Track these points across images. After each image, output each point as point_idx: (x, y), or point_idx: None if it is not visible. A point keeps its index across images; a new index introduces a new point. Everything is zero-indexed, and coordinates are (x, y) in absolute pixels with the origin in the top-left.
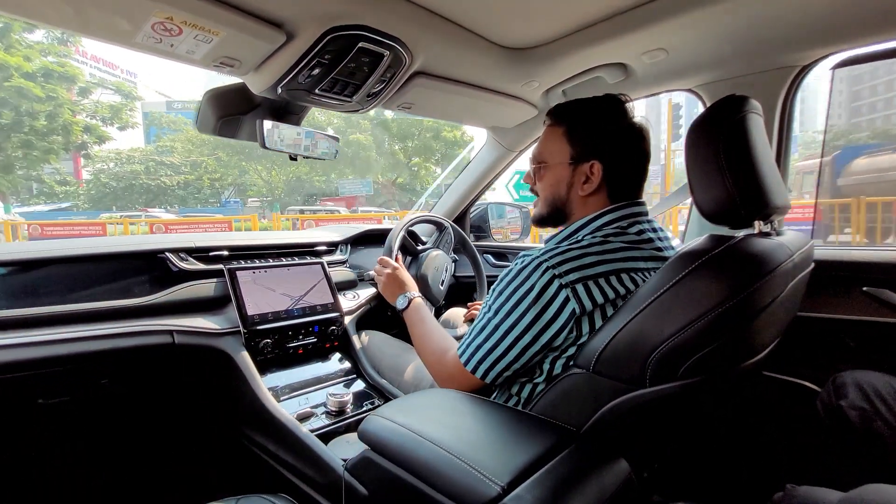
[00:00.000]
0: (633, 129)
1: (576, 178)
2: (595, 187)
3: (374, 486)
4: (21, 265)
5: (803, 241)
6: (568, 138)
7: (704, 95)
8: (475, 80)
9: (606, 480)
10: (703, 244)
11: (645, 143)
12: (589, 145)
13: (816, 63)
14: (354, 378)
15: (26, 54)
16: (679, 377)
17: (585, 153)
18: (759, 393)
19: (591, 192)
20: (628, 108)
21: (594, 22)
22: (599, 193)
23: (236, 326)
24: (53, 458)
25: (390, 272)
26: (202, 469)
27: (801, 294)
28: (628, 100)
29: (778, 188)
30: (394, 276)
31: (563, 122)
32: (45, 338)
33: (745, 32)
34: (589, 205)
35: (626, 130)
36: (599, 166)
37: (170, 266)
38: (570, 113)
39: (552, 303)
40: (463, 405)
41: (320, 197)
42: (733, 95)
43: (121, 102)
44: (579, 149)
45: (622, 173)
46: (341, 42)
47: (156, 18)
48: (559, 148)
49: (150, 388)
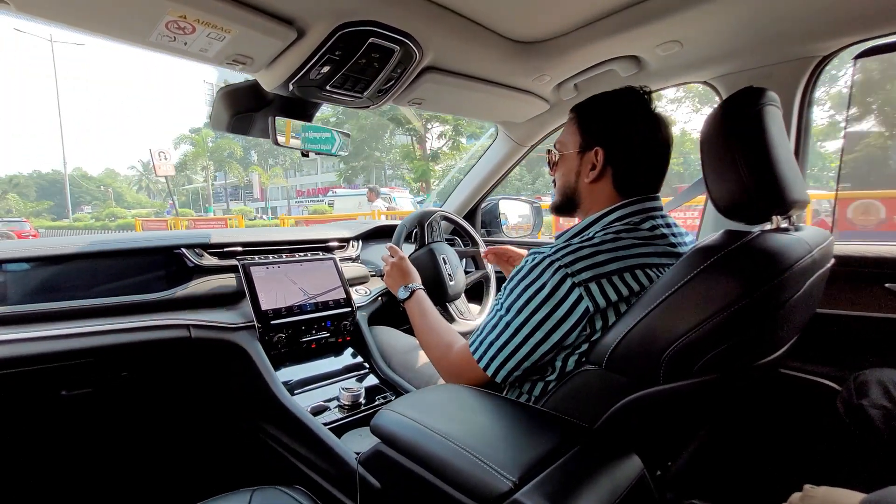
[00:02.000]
0: (645, 120)
1: (583, 166)
2: (598, 175)
3: (387, 479)
4: (44, 261)
5: (823, 237)
6: (578, 127)
7: (720, 88)
8: (486, 74)
9: (619, 477)
10: (718, 240)
11: (660, 136)
12: (594, 133)
13: (837, 53)
14: (367, 373)
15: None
16: (694, 374)
17: (591, 141)
18: (777, 391)
19: (595, 179)
20: (643, 99)
21: (606, 14)
22: (604, 182)
23: (250, 321)
24: (74, 447)
25: (395, 261)
26: (219, 461)
27: (821, 291)
28: (646, 91)
29: (796, 182)
30: (398, 265)
31: (575, 112)
32: (68, 331)
33: (762, 22)
34: (595, 194)
35: (635, 120)
36: (602, 153)
37: (185, 261)
38: (585, 103)
39: (564, 301)
40: (475, 400)
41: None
42: (750, 87)
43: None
44: (587, 136)
45: (628, 162)
46: (352, 38)
47: (169, 17)
48: (571, 137)
49: (168, 381)
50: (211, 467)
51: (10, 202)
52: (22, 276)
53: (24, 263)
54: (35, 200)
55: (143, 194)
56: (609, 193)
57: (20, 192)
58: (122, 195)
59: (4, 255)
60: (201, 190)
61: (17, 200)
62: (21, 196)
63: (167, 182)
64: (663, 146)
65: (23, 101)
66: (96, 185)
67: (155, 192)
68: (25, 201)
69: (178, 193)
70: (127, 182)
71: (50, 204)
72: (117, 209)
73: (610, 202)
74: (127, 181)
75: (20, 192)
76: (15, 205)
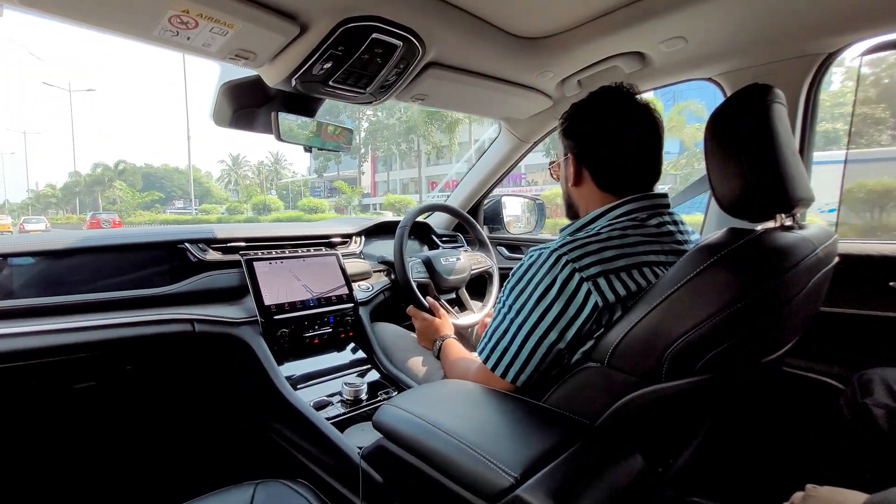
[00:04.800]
0: (617, 115)
1: (567, 172)
2: (575, 177)
3: (389, 473)
4: (50, 255)
5: (827, 235)
6: (561, 136)
7: (725, 85)
8: (489, 70)
9: (620, 474)
10: (721, 238)
11: (636, 128)
12: (567, 138)
13: (843, 50)
14: (369, 368)
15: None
16: (696, 373)
17: (566, 147)
18: (780, 389)
19: (575, 183)
20: (618, 95)
21: (611, 10)
22: (586, 184)
23: (254, 316)
24: (79, 440)
25: (418, 326)
26: (222, 454)
27: (825, 289)
28: (625, 88)
29: (801, 180)
30: (420, 330)
31: (560, 120)
32: (73, 325)
33: (768, 19)
34: (585, 196)
35: (605, 116)
36: (573, 157)
37: (189, 256)
38: (567, 111)
39: (575, 297)
40: (476, 396)
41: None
42: (756, 84)
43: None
44: (564, 143)
45: (602, 159)
46: (355, 33)
47: (172, 11)
48: (560, 145)
49: (172, 376)
50: (214, 461)
51: (116, 191)
52: (28, 271)
53: (30, 258)
54: (144, 191)
55: (227, 190)
56: (597, 193)
57: (126, 179)
58: (209, 190)
59: (10, 250)
60: (296, 183)
61: (124, 189)
62: (129, 185)
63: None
64: (642, 140)
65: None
66: (186, 178)
67: (242, 187)
68: (133, 191)
69: (274, 186)
70: (208, 176)
71: (159, 195)
72: (208, 205)
73: (603, 201)
74: (207, 175)
75: (126, 179)
76: (122, 194)
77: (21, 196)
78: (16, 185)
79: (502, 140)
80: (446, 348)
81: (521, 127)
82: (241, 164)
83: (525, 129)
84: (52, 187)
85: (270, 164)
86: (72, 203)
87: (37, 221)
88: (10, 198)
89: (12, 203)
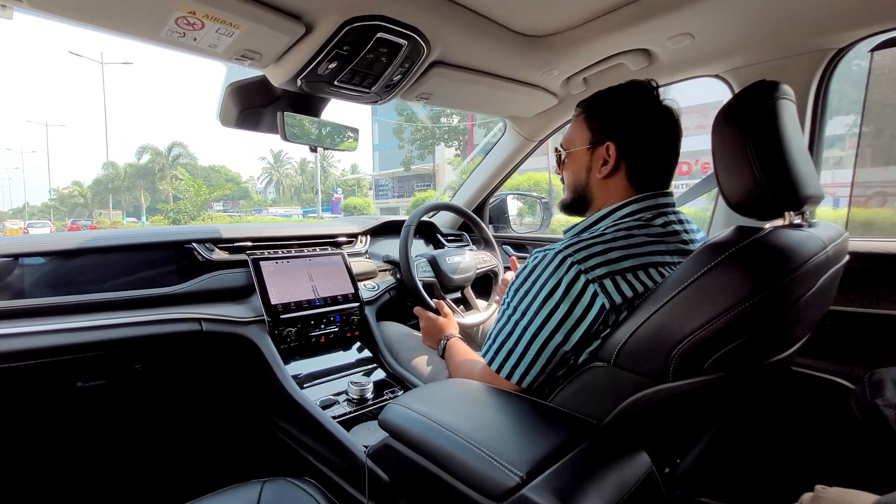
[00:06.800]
0: (655, 113)
1: (594, 161)
2: (611, 169)
3: (395, 472)
4: (59, 255)
5: (837, 233)
6: (587, 123)
7: (732, 81)
8: (494, 68)
9: (627, 474)
10: (729, 236)
11: (671, 128)
12: (605, 127)
13: (854, 45)
14: (375, 367)
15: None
16: (703, 372)
17: (602, 135)
18: (789, 389)
19: (608, 174)
20: (652, 93)
21: (617, 7)
22: (618, 176)
23: (260, 315)
24: (89, 438)
25: (423, 325)
26: (229, 453)
27: (835, 288)
28: (654, 85)
29: (810, 177)
30: (425, 329)
31: (583, 108)
32: (82, 324)
33: (776, 14)
34: (609, 189)
35: (645, 113)
36: (614, 147)
37: (196, 256)
38: (591, 99)
39: (581, 299)
40: (482, 395)
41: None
42: (764, 81)
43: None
44: (596, 131)
45: (642, 156)
46: (359, 33)
47: (179, 13)
48: (580, 134)
49: (181, 374)
50: (222, 459)
51: (176, 183)
52: (38, 270)
53: (40, 258)
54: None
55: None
56: (624, 187)
57: (186, 167)
58: (247, 191)
59: (21, 250)
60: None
61: (187, 180)
62: (190, 175)
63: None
64: (673, 139)
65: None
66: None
67: (285, 186)
68: (198, 182)
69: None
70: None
71: (232, 188)
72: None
73: (624, 196)
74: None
75: (186, 167)
76: (185, 186)
77: (43, 198)
78: (38, 186)
79: (507, 138)
80: (451, 348)
81: (527, 125)
82: (283, 162)
83: (530, 127)
84: (78, 185)
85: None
86: (104, 202)
87: (41, 226)
88: (30, 200)
89: (32, 206)
